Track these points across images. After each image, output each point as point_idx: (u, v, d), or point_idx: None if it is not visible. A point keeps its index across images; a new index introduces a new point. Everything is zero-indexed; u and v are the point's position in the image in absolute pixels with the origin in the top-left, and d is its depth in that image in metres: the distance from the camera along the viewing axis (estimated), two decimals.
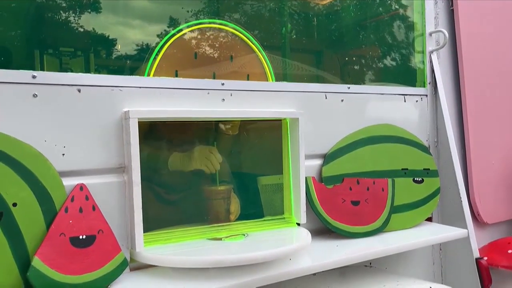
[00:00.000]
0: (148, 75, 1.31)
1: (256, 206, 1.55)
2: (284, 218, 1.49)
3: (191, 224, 1.38)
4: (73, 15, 1.25)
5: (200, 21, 1.44)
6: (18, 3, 1.19)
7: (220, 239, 1.32)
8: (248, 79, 1.50)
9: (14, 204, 1.04)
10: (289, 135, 1.48)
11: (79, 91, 1.15)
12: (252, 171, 1.64)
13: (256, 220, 1.46)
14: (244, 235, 1.36)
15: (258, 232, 1.41)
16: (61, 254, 1.06)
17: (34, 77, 1.10)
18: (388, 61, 1.98)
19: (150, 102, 1.25)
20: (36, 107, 1.10)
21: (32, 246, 1.04)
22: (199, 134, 1.50)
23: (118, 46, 1.32)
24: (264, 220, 1.47)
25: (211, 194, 1.44)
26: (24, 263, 1.03)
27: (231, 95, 1.39)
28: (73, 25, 1.25)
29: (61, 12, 1.23)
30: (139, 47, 1.34)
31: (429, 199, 1.75)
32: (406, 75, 1.96)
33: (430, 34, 1.95)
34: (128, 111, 1.18)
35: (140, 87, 1.24)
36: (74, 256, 1.07)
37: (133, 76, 1.25)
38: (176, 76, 1.36)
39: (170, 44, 1.36)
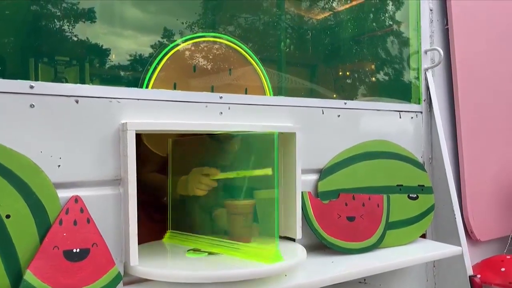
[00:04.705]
0: (147, 87, 1.30)
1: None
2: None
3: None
4: (68, 24, 1.24)
5: (204, 33, 1.44)
6: (12, 11, 1.17)
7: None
8: (246, 93, 1.50)
9: (8, 216, 1.02)
10: (286, 149, 1.48)
11: (76, 102, 1.14)
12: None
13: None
14: (208, 253, 1.31)
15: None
16: (54, 268, 1.03)
17: (31, 87, 1.08)
18: (383, 77, 1.99)
19: (148, 114, 1.24)
20: (33, 117, 1.08)
21: (25, 259, 1.02)
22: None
23: (113, 56, 1.31)
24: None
25: (230, 208, 1.38)
26: (16, 277, 1.01)
27: (229, 108, 1.39)
28: (67, 34, 1.24)
29: (56, 21, 1.22)
30: (133, 58, 1.34)
31: (423, 216, 1.75)
32: (401, 91, 1.98)
33: (426, 52, 1.97)
34: (126, 123, 1.17)
35: (138, 99, 1.23)
36: (67, 270, 1.05)
37: (132, 88, 1.24)
38: (175, 88, 1.35)
39: (169, 56, 1.36)
